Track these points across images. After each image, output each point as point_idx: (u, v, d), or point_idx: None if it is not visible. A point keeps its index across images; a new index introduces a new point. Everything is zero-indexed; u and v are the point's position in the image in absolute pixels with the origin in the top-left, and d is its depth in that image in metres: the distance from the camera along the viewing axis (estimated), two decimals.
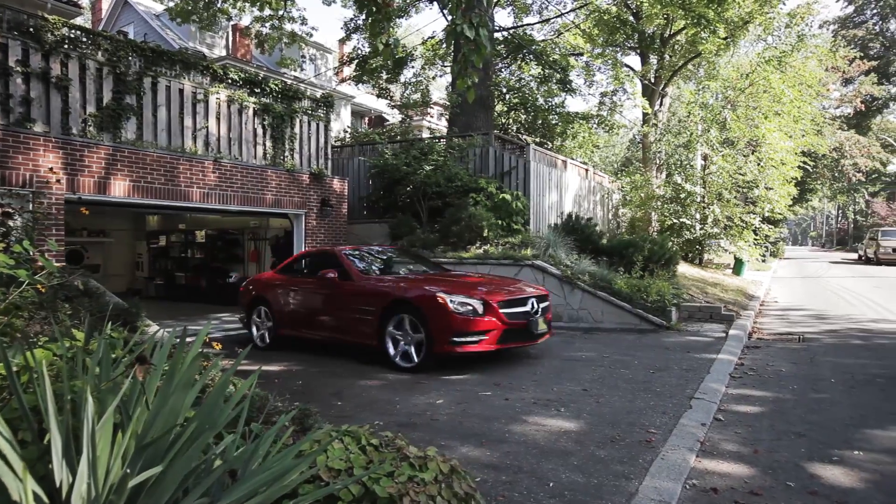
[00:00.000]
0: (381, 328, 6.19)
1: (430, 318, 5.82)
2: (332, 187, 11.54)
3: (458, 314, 5.78)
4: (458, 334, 5.76)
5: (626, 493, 2.99)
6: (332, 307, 6.85)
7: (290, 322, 7.36)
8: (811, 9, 19.04)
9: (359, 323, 6.45)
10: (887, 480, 3.21)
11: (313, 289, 7.16)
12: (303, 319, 7.23)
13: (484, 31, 3.43)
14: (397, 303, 6.13)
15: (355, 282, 6.69)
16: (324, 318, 6.96)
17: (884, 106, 38.30)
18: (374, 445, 2.12)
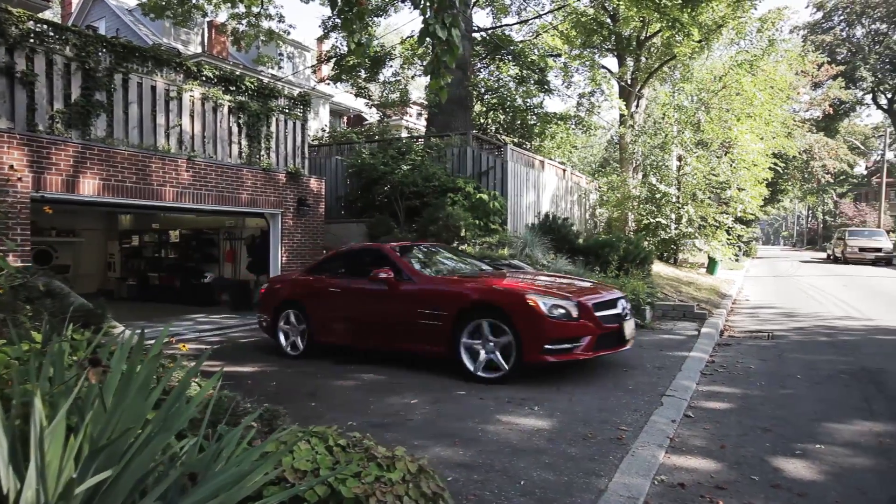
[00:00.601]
0: (453, 335, 5.48)
1: (520, 322, 5.17)
2: (309, 187, 11.45)
3: (551, 318, 5.17)
4: (553, 341, 5.16)
5: (595, 490, 3.03)
6: (388, 312, 6.08)
7: (331, 328, 6.60)
8: (781, 14, 19.48)
9: (424, 329, 5.70)
10: (845, 473, 3.31)
11: (362, 291, 6.35)
12: (348, 326, 6.46)
13: (456, 31, 3.44)
14: (476, 306, 5.44)
15: (415, 283, 5.98)
16: (376, 325, 6.21)
17: (851, 110, 39.39)
18: (342, 446, 2.11)
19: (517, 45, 16.97)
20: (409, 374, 5.79)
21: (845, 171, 41.87)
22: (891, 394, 4.95)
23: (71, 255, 14.56)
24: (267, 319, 7.19)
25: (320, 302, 6.73)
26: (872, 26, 36.96)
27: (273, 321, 7.07)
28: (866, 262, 25.26)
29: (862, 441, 3.83)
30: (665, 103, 17.27)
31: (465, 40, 13.90)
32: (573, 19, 18.53)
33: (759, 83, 16.56)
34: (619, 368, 5.86)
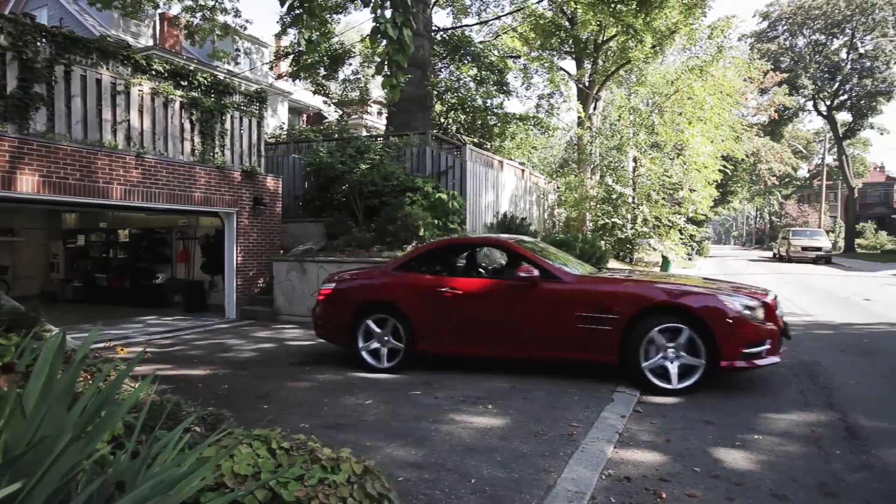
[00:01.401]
0: (623, 340, 5.05)
1: (713, 324, 4.81)
2: (265, 185, 11.23)
3: (746, 319, 4.85)
4: (750, 344, 4.83)
5: (544, 486, 3.08)
6: (531, 315, 5.43)
7: (444, 335, 5.75)
8: (730, 22, 20.24)
9: (583, 335, 5.20)
10: (780, 461, 3.47)
11: (492, 291, 5.69)
12: (471, 331, 5.68)
13: (408, 31, 3.44)
14: (654, 309, 5.02)
15: (565, 282, 5.42)
16: (513, 330, 5.52)
17: (794, 115, 41.27)
18: (286, 449, 2.08)
19: (477, 46, 17.07)
20: (364, 372, 5.75)
21: (789, 174, 43.90)
22: (824, 385, 5.22)
23: (10, 255, 13.86)
24: (336, 324, 6.07)
25: (428, 304, 5.76)
26: (812, 37, 38.84)
27: (349, 327, 5.96)
28: (808, 260, 26.56)
29: (796, 431, 4.02)
30: (621, 106, 17.70)
31: (424, 40, 13.89)
32: (532, 21, 18.78)
33: (709, 88, 17.18)
34: (573, 368, 5.96)
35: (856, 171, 47.25)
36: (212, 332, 9.02)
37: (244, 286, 10.77)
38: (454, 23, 19.42)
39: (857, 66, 37.92)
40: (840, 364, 6.03)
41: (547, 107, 23.19)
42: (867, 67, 37.37)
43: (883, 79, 36.85)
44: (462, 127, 17.74)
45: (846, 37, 37.98)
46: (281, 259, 10.66)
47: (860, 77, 37.64)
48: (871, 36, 36.81)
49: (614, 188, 16.21)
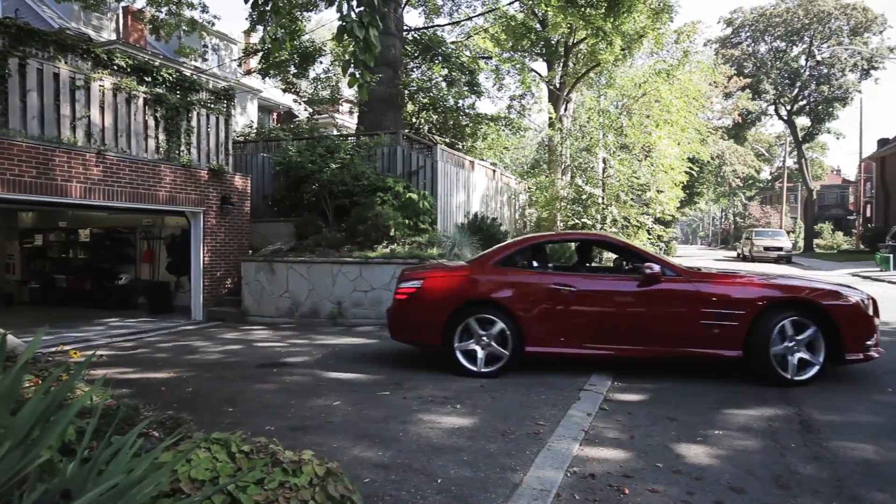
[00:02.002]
0: (749, 334, 5.17)
1: (839, 318, 5.03)
2: (233, 184, 11.04)
3: (865, 312, 5.14)
4: (868, 337, 5.11)
5: (510, 485, 3.10)
6: (651, 312, 5.42)
7: (554, 334, 5.53)
8: (696, 28, 20.77)
9: (710, 330, 5.27)
10: (738, 455, 3.57)
11: (609, 288, 5.61)
12: (586, 330, 5.51)
13: (374, 30, 3.42)
14: (783, 303, 5.18)
15: (683, 279, 5.44)
16: (632, 327, 5.46)
17: (757, 119, 42.55)
18: (245, 452, 2.05)
19: (448, 47, 17.09)
20: (333, 373, 5.71)
21: (753, 176, 45.26)
22: None
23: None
24: (426, 324, 5.68)
25: (538, 302, 5.53)
26: (773, 43, 40.13)
27: (446, 329, 5.56)
28: (770, 260, 27.40)
29: (754, 425, 4.14)
30: (590, 108, 17.96)
31: (395, 39, 13.85)
32: (503, 23, 18.90)
33: (676, 91, 17.56)
34: (542, 365, 6.03)
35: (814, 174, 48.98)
36: (177, 333, 8.83)
37: (211, 287, 10.57)
38: (426, 23, 19.42)
39: (814, 73, 39.33)
40: None
41: (518, 108, 23.38)
42: (824, 74, 38.80)
43: (839, 85, 38.30)
44: (434, 127, 17.74)
45: (805, 44, 39.35)
46: (249, 259, 10.50)
47: (818, 83, 39.04)
48: (827, 44, 38.20)
49: (584, 189, 16.44)
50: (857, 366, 5.88)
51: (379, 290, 9.48)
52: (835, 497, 2.99)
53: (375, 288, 9.51)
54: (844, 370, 5.71)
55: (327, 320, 9.66)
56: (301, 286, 9.92)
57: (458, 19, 19.95)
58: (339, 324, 9.50)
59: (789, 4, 38.84)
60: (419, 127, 17.37)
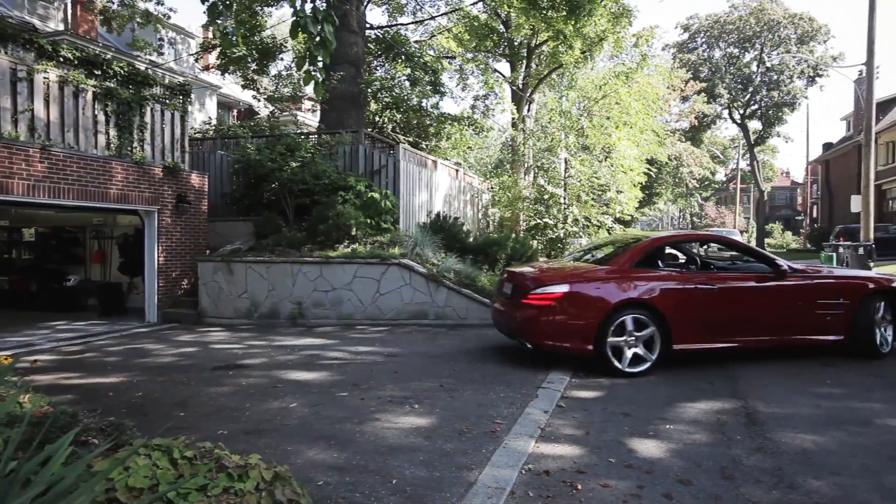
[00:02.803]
0: (852, 321, 6.09)
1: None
2: (190, 182, 10.74)
3: None
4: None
5: (465, 484, 3.11)
6: (775, 306, 6.00)
7: (698, 331, 5.76)
8: (653, 32, 21.25)
9: (821, 319, 6.08)
10: (687, 448, 3.67)
11: (741, 286, 5.99)
12: (724, 325, 5.85)
13: (329, 26, 3.38)
14: (879, 293, 6.23)
15: (800, 275, 6.16)
16: (761, 320, 5.96)
17: (712, 122, 44.02)
18: (188, 458, 1.99)
19: (411, 46, 17.03)
20: (291, 375, 5.62)
21: (708, 178, 46.74)
22: (730, 374, 5.58)
23: None
24: (578, 328, 5.56)
25: (683, 300, 5.73)
26: (727, 49, 41.63)
27: (598, 331, 5.51)
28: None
29: (703, 419, 4.27)
30: (552, 109, 18.20)
31: (358, 37, 13.72)
32: (466, 23, 18.96)
33: (635, 94, 17.97)
34: (503, 364, 6.08)
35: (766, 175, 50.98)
36: (129, 336, 8.53)
37: (167, 288, 10.25)
38: (389, 21, 19.29)
39: (765, 79, 40.98)
40: (745, 354, 6.44)
41: (482, 108, 23.49)
42: (774, 80, 40.47)
43: (787, 91, 40.01)
44: (398, 126, 17.64)
45: (756, 51, 40.95)
46: (207, 259, 10.24)
47: (768, 89, 40.68)
48: (777, 51, 39.84)
49: (546, 189, 16.65)
50: (800, 360, 6.15)
51: (340, 290, 9.39)
52: (775, 486, 3.11)
53: (336, 288, 9.41)
54: (790, 364, 5.96)
55: (287, 321, 9.51)
56: (260, 286, 9.74)
57: (422, 18, 19.91)
58: (299, 324, 9.36)
59: (742, 13, 40.33)
60: (382, 126, 17.26)
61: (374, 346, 7.31)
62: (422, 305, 9.07)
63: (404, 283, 9.14)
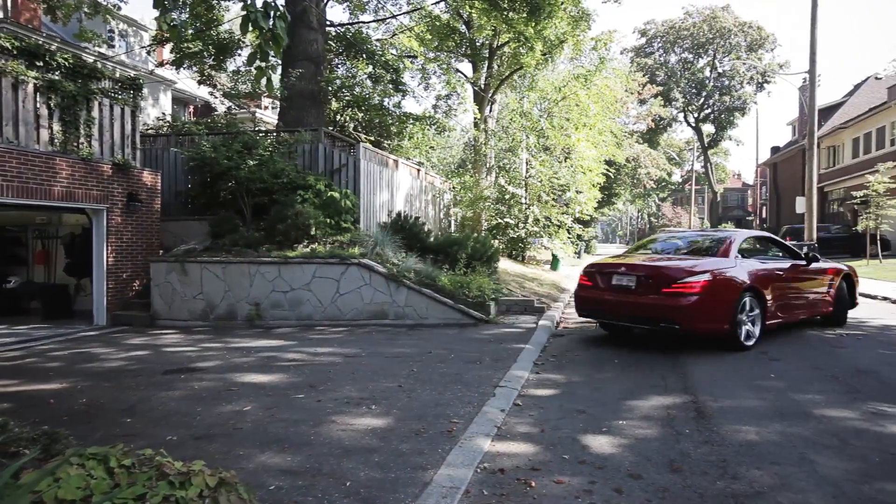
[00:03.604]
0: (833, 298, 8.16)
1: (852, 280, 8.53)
2: (141, 180, 10.38)
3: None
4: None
5: (420, 484, 3.10)
6: (808, 288, 7.80)
7: (776, 311, 7.12)
8: (612, 36, 21.71)
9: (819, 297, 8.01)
10: (639, 443, 3.76)
11: (794, 273, 7.59)
12: (787, 304, 7.35)
13: (281, 21, 3.31)
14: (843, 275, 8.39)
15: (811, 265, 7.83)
16: (803, 300, 7.71)
17: (668, 125, 45.35)
18: (126, 466, 1.92)
19: (373, 44, 16.89)
20: (247, 377, 5.49)
21: (665, 179, 48.08)
22: (682, 370, 5.75)
23: None
24: (719, 312, 6.46)
25: (773, 286, 7.04)
26: (682, 55, 42.98)
27: (732, 312, 6.50)
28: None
29: (655, 414, 4.39)
30: (513, 109, 18.38)
31: (318, 34, 13.52)
32: (428, 23, 18.95)
33: (593, 96, 18.33)
34: (462, 363, 6.10)
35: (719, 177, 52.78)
36: (75, 340, 8.19)
37: (117, 289, 9.88)
38: (350, 19, 19.09)
39: (717, 84, 42.48)
40: (697, 350, 6.67)
41: (445, 108, 23.52)
42: (726, 85, 41.99)
43: (738, 96, 41.58)
44: (360, 125, 17.47)
45: (709, 57, 42.40)
46: (160, 260, 9.92)
47: (720, 94, 42.18)
48: (728, 58, 41.34)
49: (507, 189, 16.81)
50: (747, 354, 6.39)
51: (299, 291, 9.24)
52: (719, 477, 3.22)
53: (295, 288, 9.26)
54: (740, 360, 6.19)
55: (245, 322, 9.30)
56: (216, 287, 9.49)
57: (384, 17, 19.76)
58: (257, 326, 9.17)
59: (696, 19, 41.69)
60: (344, 125, 17.06)
61: (333, 346, 7.22)
62: (382, 305, 9.02)
63: (364, 283, 9.07)
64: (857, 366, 5.81)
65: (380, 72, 15.13)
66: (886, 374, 5.48)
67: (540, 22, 15.21)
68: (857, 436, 3.84)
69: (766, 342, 7.16)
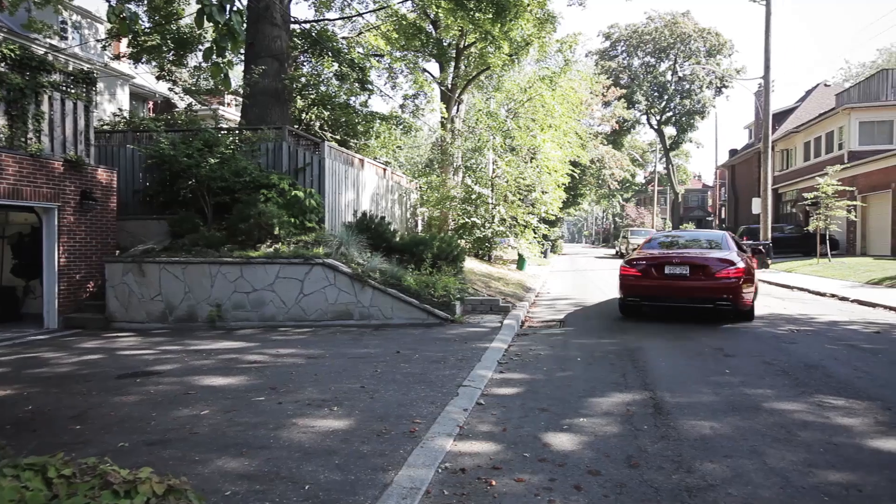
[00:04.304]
0: None
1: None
2: (96, 178, 10.03)
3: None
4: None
5: (380, 486, 3.08)
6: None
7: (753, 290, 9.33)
8: (576, 39, 22.05)
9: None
10: (598, 440, 3.83)
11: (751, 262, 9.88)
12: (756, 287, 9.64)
13: (238, 16, 3.24)
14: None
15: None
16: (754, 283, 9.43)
17: (632, 127, 46.36)
18: (66, 476, 1.84)
19: (339, 42, 16.71)
20: (206, 380, 5.35)
21: (629, 180, 49.12)
22: (642, 367, 5.87)
23: None
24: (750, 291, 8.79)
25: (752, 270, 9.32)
26: (645, 58, 44.01)
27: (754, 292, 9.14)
28: None
29: (615, 411, 4.47)
30: (479, 109, 18.46)
31: (282, 31, 13.30)
32: (395, 22, 18.87)
33: (558, 98, 18.57)
34: (426, 363, 6.09)
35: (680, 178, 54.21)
36: (23, 345, 7.85)
37: (69, 291, 9.51)
38: (316, 16, 18.83)
39: (678, 88, 43.64)
40: (656, 348, 6.83)
41: (412, 107, 23.44)
42: (686, 89, 43.16)
43: (698, 100, 42.80)
44: (326, 124, 17.26)
45: (670, 61, 43.52)
46: (116, 260, 9.61)
47: (681, 97, 43.35)
48: (689, 62, 42.51)
49: (474, 189, 16.87)
50: (703, 351, 6.58)
51: (262, 291, 9.08)
52: (675, 471, 3.30)
53: (258, 289, 9.09)
54: (696, 357, 6.36)
55: (205, 324, 9.09)
56: (176, 288, 9.24)
57: (350, 15, 19.59)
58: (218, 327, 8.97)
59: (657, 24, 42.71)
60: (309, 123, 16.83)
61: (296, 347, 7.12)
62: (347, 306, 8.93)
63: (329, 284, 8.96)
64: (805, 361, 6.04)
65: (346, 70, 14.97)
66: (832, 368, 5.72)
67: (506, 23, 15.33)
68: (804, 427, 3.99)
69: (722, 339, 7.39)
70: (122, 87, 24.37)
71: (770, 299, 11.95)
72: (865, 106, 25.36)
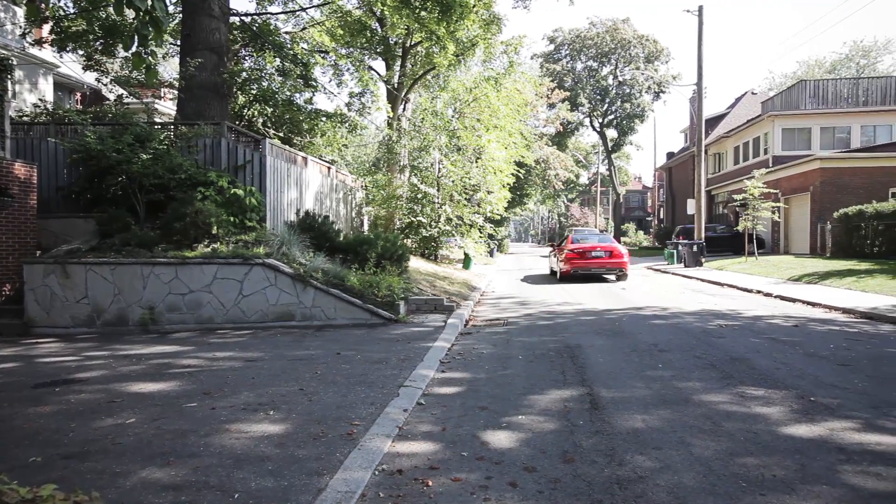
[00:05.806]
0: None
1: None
2: (12, 173, 9.37)
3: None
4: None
5: (314, 491, 3.01)
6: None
7: None
8: (521, 41, 22.42)
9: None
10: (536, 437, 3.89)
11: None
12: None
13: (161, 3, 3.08)
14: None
15: None
16: None
17: (575, 129, 47.60)
18: None
19: (282, 37, 16.30)
20: (134, 387, 5.08)
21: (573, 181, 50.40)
22: (581, 364, 6.02)
23: None
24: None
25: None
26: (588, 62, 45.30)
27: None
28: None
29: (553, 408, 4.55)
30: (425, 108, 18.46)
31: (220, 22, 12.83)
32: (340, 18, 18.59)
33: (503, 99, 18.81)
34: (368, 364, 6.02)
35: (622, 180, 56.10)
36: None
37: None
38: (258, 9, 18.28)
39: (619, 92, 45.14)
40: (595, 345, 7.03)
41: (358, 105, 23.15)
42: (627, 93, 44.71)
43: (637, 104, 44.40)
44: (269, 121, 16.78)
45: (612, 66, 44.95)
46: (36, 261, 9.01)
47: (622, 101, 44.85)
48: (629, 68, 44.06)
49: (420, 188, 16.85)
50: (638, 346, 6.82)
51: (199, 293, 8.73)
52: (607, 464, 3.39)
53: (194, 290, 8.74)
54: (633, 353, 6.58)
55: (137, 328, 8.66)
56: (104, 291, 8.76)
57: (293, 9, 19.12)
58: (151, 331, 8.56)
59: (599, 30, 44.02)
60: (252, 120, 16.31)
61: (234, 350, 6.89)
62: (288, 307, 8.72)
63: (269, 284, 8.72)
64: (731, 354, 6.37)
65: (289, 66, 14.62)
66: (755, 360, 6.05)
67: (452, 23, 15.37)
68: (728, 417, 4.20)
69: (657, 335, 7.68)
70: (45, 76, 22.86)
71: (703, 296, 12.54)
72: (787, 114, 27.04)
